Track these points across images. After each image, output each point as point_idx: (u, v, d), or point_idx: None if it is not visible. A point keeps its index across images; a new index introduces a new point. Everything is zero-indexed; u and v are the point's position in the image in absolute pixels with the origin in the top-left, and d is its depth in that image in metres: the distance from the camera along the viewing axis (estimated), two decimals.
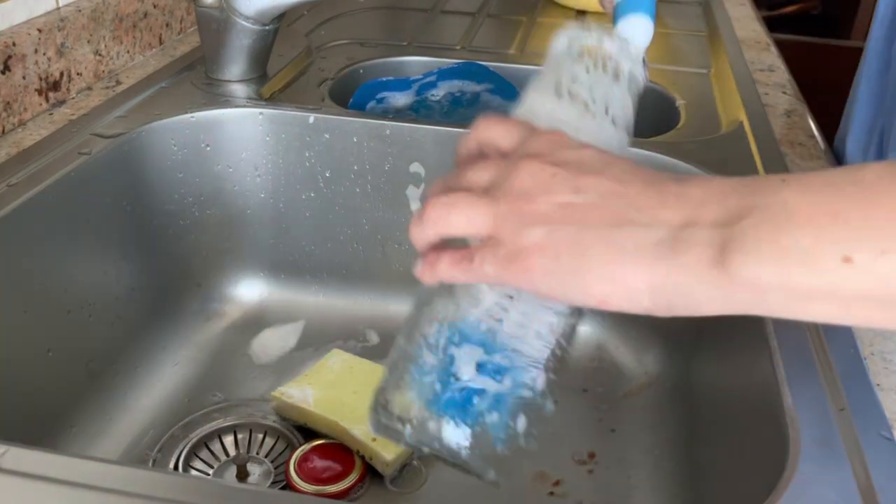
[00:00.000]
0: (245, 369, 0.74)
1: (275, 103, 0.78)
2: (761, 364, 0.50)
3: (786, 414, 0.44)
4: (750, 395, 0.52)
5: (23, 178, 0.62)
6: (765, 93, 0.87)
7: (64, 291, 0.64)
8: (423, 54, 0.96)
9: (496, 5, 1.15)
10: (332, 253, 0.81)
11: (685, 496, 0.61)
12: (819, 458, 0.41)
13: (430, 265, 0.39)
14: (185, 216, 0.77)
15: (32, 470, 0.39)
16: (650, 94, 0.89)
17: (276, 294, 0.82)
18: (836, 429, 0.43)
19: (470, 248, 0.37)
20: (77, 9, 0.76)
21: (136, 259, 0.72)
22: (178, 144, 0.75)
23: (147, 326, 0.72)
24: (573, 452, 0.66)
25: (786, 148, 0.75)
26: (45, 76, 0.73)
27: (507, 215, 0.36)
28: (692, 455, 0.63)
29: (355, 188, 0.78)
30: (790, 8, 2.07)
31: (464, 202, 0.37)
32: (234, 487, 0.50)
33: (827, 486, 0.40)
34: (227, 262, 0.80)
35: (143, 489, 0.38)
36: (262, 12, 0.76)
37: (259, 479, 0.63)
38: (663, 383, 0.72)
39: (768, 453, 0.45)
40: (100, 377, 0.67)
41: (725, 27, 1.09)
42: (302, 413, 0.66)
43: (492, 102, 0.88)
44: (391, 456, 0.61)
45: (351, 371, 0.69)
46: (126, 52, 0.85)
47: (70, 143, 0.68)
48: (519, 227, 0.35)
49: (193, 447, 0.65)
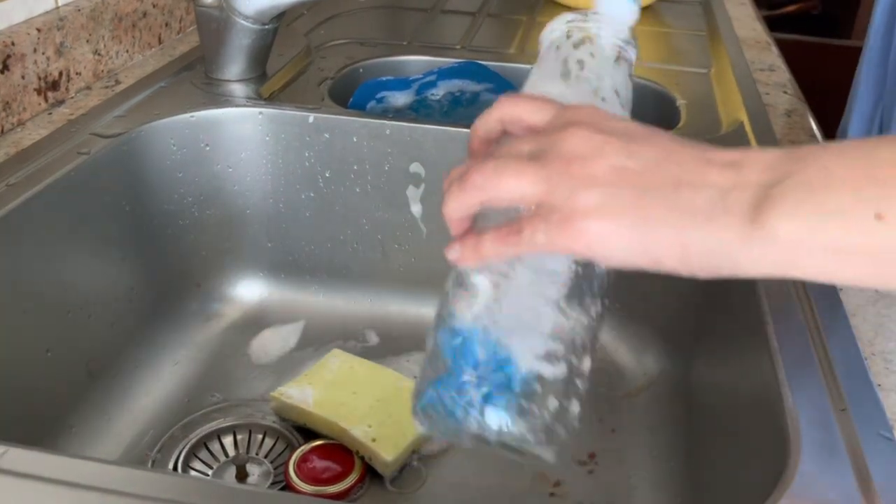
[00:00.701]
0: (245, 369, 0.74)
1: (274, 103, 0.78)
2: (762, 364, 0.50)
3: (786, 414, 0.44)
4: (750, 395, 0.52)
5: (22, 178, 0.62)
6: (765, 92, 0.87)
7: (63, 292, 0.64)
8: (423, 54, 0.95)
9: (496, 5, 1.15)
10: (332, 253, 0.81)
11: (685, 496, 0.61)
12: (819, 459, 0.41)
13: (471, 246, 0.37)
14: (185, 216, 0.77)
15: (32, 470, 0.39)
16: (651, 94, 0.89)
17: (276, 294, 0.82)
18: (837, 429, 0.43)
19: (516, 220, 0.36)
20: (76, 8, 0.76)
21: (136, 259, 0.72)
22: (178, 144, 0.74)
23: (147, 326, 0.72)
24: (573, 452, 0.66)
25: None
26: (44, 76, 0.73)
27: (560, 179, 0.35)
28: (692, 455, 0.62)
29: (355, 188, 0.78)
30: (790, 8, 2.07)
31: (513, 166, 0.36)
32: (233, 488, 0.50)
33: (827, 487, 0.40)
34: (226, 262, 0.80)
35: (142, 489, 0.38)
36: (261, 12, 0.76)
37: (258, 479, 0.63)
38: (663, 383, 0.72)
39: (769, 453, 0.45)
40: (99, 377, 0.67)
41: (726, 27, 1.09)
42: (301, 413, 0.66)
43: (492, 102, 0.87)
44: (391, 456, 0.61)
45: (351, 371, 0.69)
46: (125, 52, 0.84)
47: (69, 143, 0.68)
48: (573, 191, 0.34)
49: (193, 447, 0.65)
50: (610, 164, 0.35)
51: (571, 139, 0.35)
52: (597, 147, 0.35)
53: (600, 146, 0.35)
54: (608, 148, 0.35)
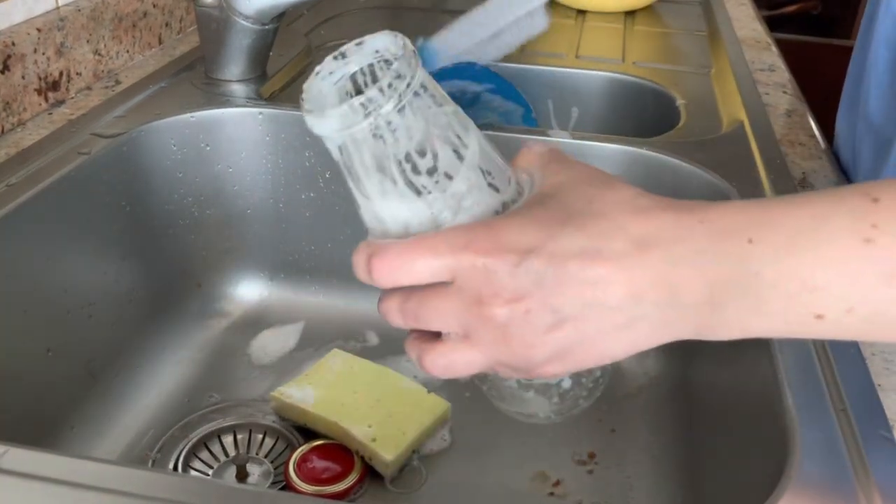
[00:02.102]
0: (245, 369, 0.74)
1: (274, 103, 0.78)
2: (762, 364, 0.50)
3: (786, 414, 0.44)
4: (750, 396, 0.52)
5: (22, 179, 0.62)
6: (765, 92, 0.87)
7: (64, 292, 0.64)
8: None
9: None
10: (332, 253, 0.81)
11: (685, 496, 0.61)
12: (819, 459, 0.41)
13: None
14: (185, 216, 0.77)
15: (32, 470, 0.39)
16: (650, 94, 0.89)
17: (276, 294, 0.82)
18: (837, 429, 0.43)
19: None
20: (76, 8, 0.76)
21: (136, 259, 0.72)
22: (178, 144, 0.74)
23: (147, 326, 0.72)
24: (573, 452, 0.66)
25: (786, 147, 0.75)
26: (44, 76, 0.73)
27: (509, 361, 0.35)
28: (692, 455, 0.63)
29: None
30: (790, 8, 2.07)
31: (460, 358, 0.36)
32: (233, 488, 0.50)
33: (827, 487, 0.40)
34: (227, 262, 0.80)
35: (142, 489, 0.38)
36: (261, 12, 0.76)
37: (258, 479, 0.63)
38: (663, 384, 0.72)
39: (769, 453, 0.45)
40: (100, 377, 0.67)
41: (725, 27, 1.09)
42: (302, 413, 0.66)
43: (492, 102, 0.87)
44: (391, 456, 0.61)
45: (351, 371, 0.69)
46: (125, 52, 0.84)
47: (69, 143, 0.68)
48: (527, 366, 0.35)
49: (193, 447, 0.65)
50: (543, 331, 0.34)
51: (492, 322, 0.34)
52: (524, 323, 0.33)
53: (525, 321, 0.33)
54: (532, 318, 0.33)
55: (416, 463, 0.64)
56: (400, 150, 0.34)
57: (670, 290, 0.33)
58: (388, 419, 0.64)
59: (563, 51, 0.98)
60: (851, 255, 0.32)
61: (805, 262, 0.32)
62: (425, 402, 0.66)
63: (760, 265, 0.33)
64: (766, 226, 0.33)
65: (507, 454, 0.66)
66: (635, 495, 0.62)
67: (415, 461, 0.64)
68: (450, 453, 0.65)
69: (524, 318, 0.33)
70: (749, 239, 0.33)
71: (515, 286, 0.33)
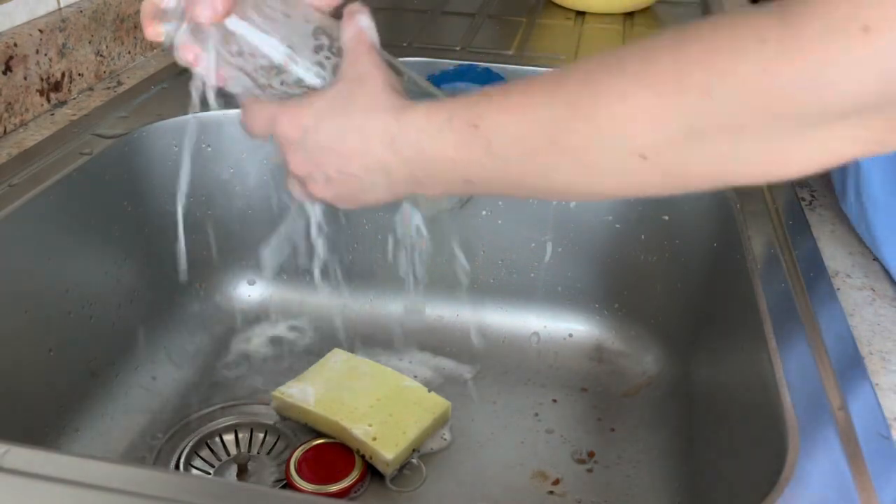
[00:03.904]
0: (245, 369, 0.74)
1: None
2: (760, 364, 0.50)
3: (785, 413, 0.44)
4: (749, 395, 0.53)
5: (24, 179, 0.62)
6: None
7: (65, 292, 0.64)
8: (423, 55, 0.96)
9: (496, 6, 1.15)
10: (332, 253, 0.81)
11: (685, 496, 0.61)
12: (818, 458, 0.41)
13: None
14: (186, 216, 0.77)
15: (33, 469, 0.39)
16: None
17: (276, 294, 0.82)
18: (835, 428, 0.43)
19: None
20: (78, 9, 0.76)
21: (137, 259, 0.72)
22: (179, 145, 0.75)
23: (148, 326, 0.73)
24: (573, 452, 0.66)
25: None
26: (46, 77, 0.73)
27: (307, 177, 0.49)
28: (692, 455, 0.63)
29: None
30: None
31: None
32: (234, 486, 0.50)
33: (825, 486, 0.40)
34: (227, 262, 0.81)
35: (144, 488, 0.38)
36: None
37: (260, 478, 0.63)
38: (663, 383, 0.72)
39: (767, 453, 0.45)
40: (100, 377, 0.67)
41: None
42: (302, 412, 0.66)
43: None
44: (391, 455, 0.61)
45: (351, 370, 0.69)
46: (127, 53, 0.85)
47: (71, 144, 0.68)
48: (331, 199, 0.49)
49: (194, 446, 0.65)
50: (322, 180, 0.48)
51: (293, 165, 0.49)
52: (308, 173, 0.48)
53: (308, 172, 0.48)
54: (314, 174, 0.48)
55: (416, 462, 0.64)
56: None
57: (385, 170, 0.45)
58: (388, 418, 0.64)
59: (562, 52, 0.98)
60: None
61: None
62: (426, 402, 0.66)
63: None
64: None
65: (506, 453, 0.66)
66: (635, 494, 0.63)
67: (415, 460, 0.64)
68: (450, 452, 0.66)
69: (309, 175, 0.48)
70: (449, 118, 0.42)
71: (301, 155, 0.48)
